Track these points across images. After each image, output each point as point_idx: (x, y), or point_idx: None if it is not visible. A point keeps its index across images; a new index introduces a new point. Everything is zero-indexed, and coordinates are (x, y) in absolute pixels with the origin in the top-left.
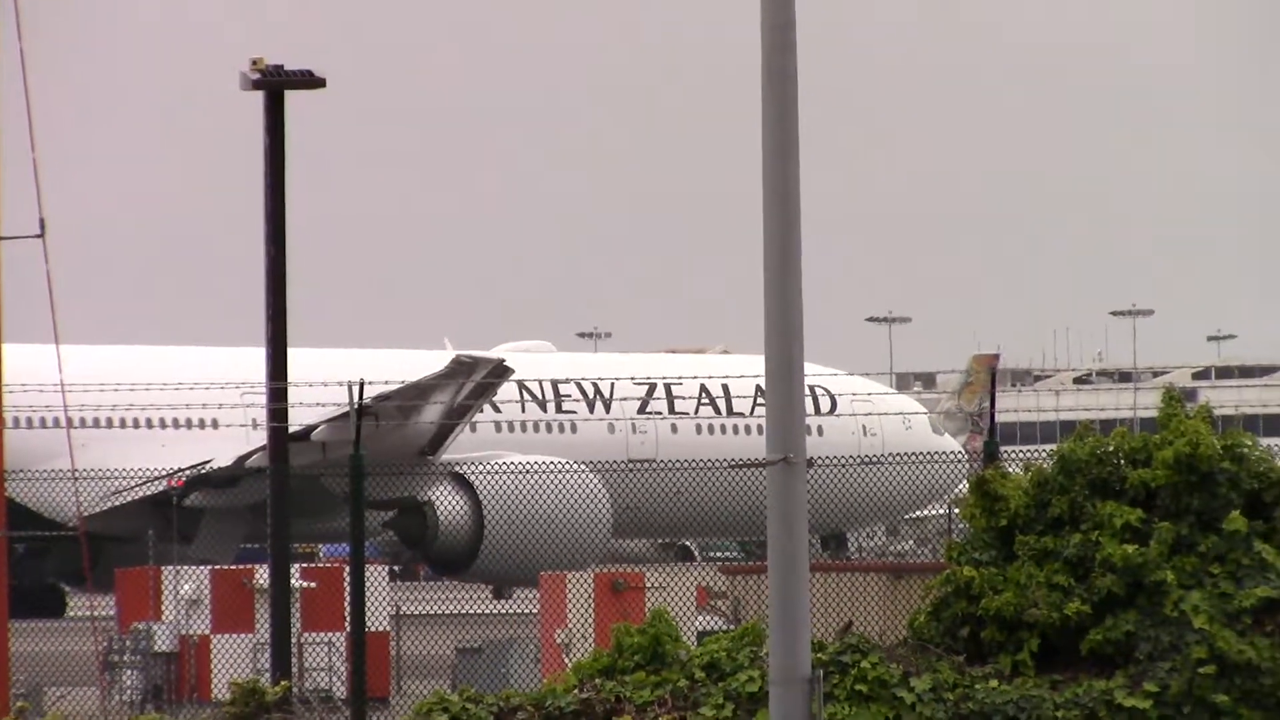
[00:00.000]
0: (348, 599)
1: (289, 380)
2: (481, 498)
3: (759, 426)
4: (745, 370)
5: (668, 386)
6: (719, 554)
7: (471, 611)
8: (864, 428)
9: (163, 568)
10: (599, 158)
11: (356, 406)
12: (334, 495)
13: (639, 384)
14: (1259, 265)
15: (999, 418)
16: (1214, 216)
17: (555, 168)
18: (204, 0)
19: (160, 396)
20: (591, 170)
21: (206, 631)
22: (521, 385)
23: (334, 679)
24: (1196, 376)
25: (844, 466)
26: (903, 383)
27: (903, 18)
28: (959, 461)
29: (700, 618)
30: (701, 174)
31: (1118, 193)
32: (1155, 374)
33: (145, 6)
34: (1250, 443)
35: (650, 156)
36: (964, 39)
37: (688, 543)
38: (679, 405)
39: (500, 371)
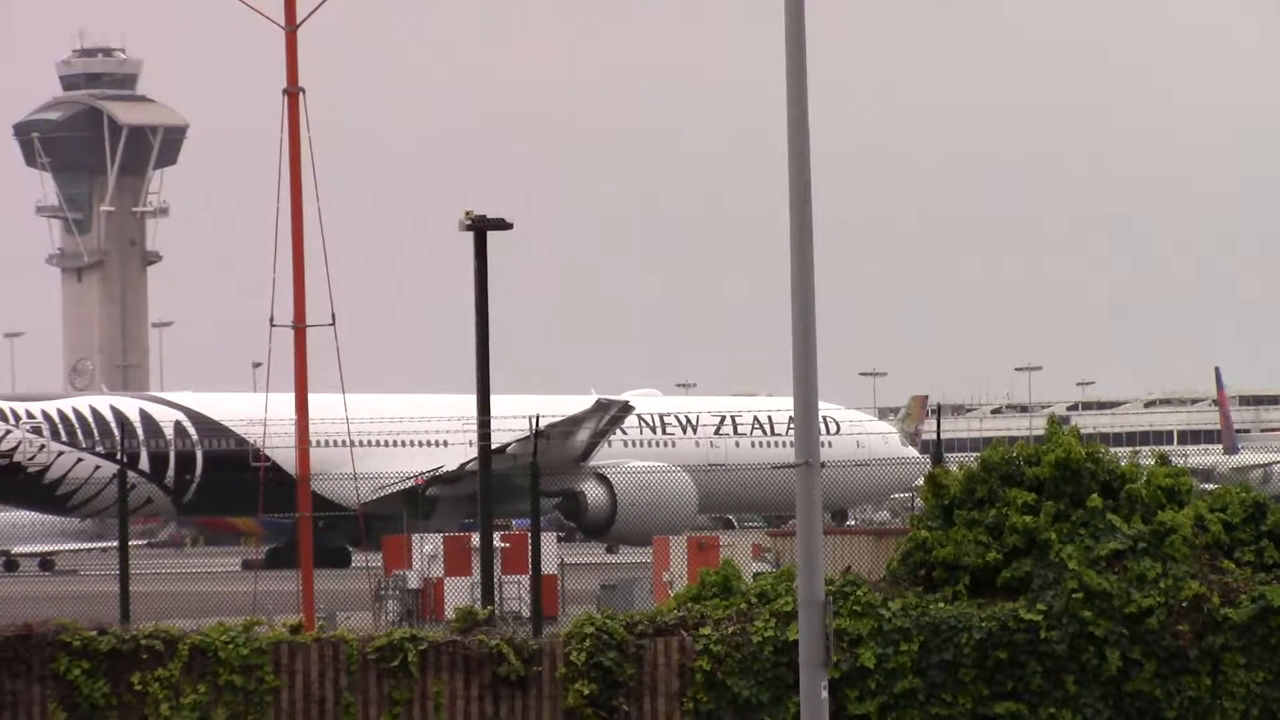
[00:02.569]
0: (530, 554)
1: (491, 415)
2: (616, 489)
3: (789, 443)
4: (781, 406)
5: (733, 417)
6: (751, 524)
7: (602, 561)
8: (858, 443)
9: (412, 535)
10: (674, 256)
11: (535, 432)
12: (521, 488)
13: (714, 416)
14: (1115, 329)
15: (943, 435)
16: (1086, 290)
17: (649, 271)
18: (425, 160)
19: (410, 426)
20: (696, 262)
21: (440, 575)
22: (640, 417)
23: (522, 605)
24: (1070, 408)
25: (845, 468)
26: (881, 414)
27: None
28: (918, 463)
29: (755, 564)
30: (763, 269)
31: (1024, 283)
32: (1043, 407)
33: (376, 162)
34: (1103, 451)
35: (715, 254)
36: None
37: (730, 517)
38: (740, 429)
39: (626, 409)
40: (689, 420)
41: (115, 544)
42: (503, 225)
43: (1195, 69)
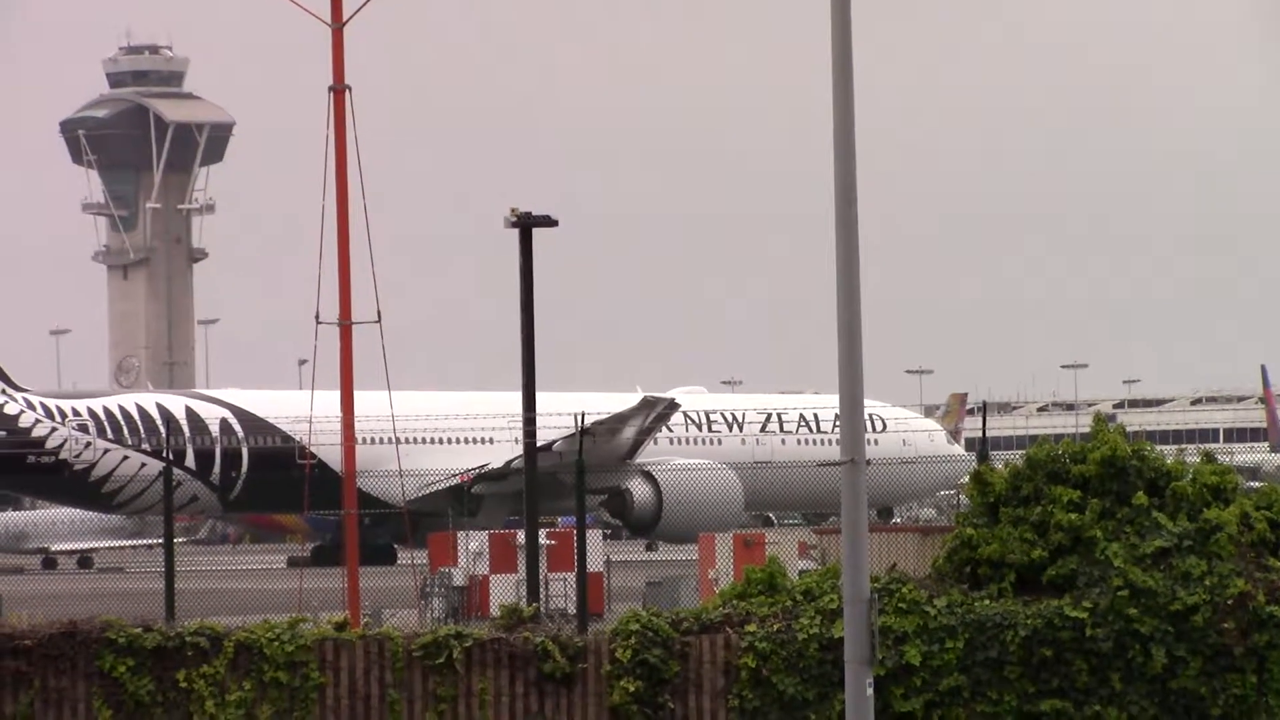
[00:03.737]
0: (575, 551)
1: (537, 412)
2: (662, 486)
3: (835, 440)
4: (827, 404)
5: (779, 415)
6: (788, 521)
7: (647, 558)
8: (903, 440)
9: (458, 532)
10: (721, 254)
11: (580, 429)
12: (566, 485)
13: (760, 413)
14: (1161, 327)
15: (988, 433)
16: (1132, 288)
17: (697, 269)
18: (470, 157)
19: (456, 423)
20: (747, 263)
21: (486, 572)
22: (686, 414)
23: (567, 602)
24: (1116, 406)
25: (890, 465)
26: (926, 412)
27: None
28: (963, 460)
29: (800, 561)
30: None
31: (1070, 280)
32: (1089, 405)
33: (422, 160)
34: (1149, 449)
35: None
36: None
37: (769, 514)
38: (786, 427)
39: (673, 406)
40: (735, 417)
41: (153, 541)
42: (548, 222)
43: (1250, 63)
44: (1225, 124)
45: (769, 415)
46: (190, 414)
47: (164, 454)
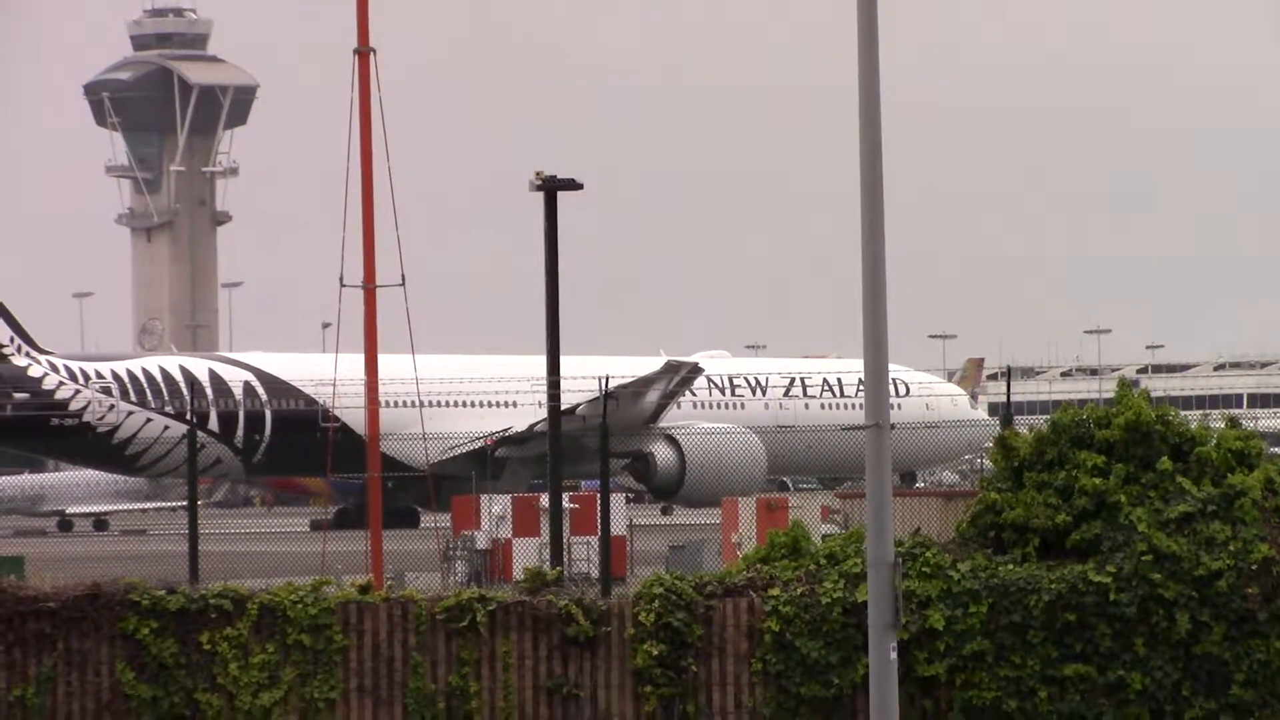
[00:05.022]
0: (599, 515)
1: (561, 376)
2: (685, 450)
3: (859, 405)
4: (851, 368)
5: (802, 379)
6: (804, 486)
7: (671, 522)
8: (926, 405)
9: (481, 496)
10: (745, 217)
11: (604, 393)
12: (589, 449)
13: (784, 377)
14: (1185, 292)
15: (1012, 398)
16: (1154, 259)
17: (720, 232)
18: (496, 120)
19: (481, 386)
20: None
21: (509, 536)
22: (709, 379)
23: (590, 566)
24: (1140, 371)
25: (914, 430)
26: (947, 377)
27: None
28: (987, 425)
29: (824, 526)
30: (837, 235)
31: (1094, 245)
32: (1112, 370)
33: (447, 122)
34: (1173, 414)
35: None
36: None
37: (785, 479)
38: (809, 391)
39: (696, 370)
40: (758, 382)
41: (169, 504)
42: (573, 185)
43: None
44: (1266, 82)
45: (792, 379)
46: (213, 377)
47: (187, 417)
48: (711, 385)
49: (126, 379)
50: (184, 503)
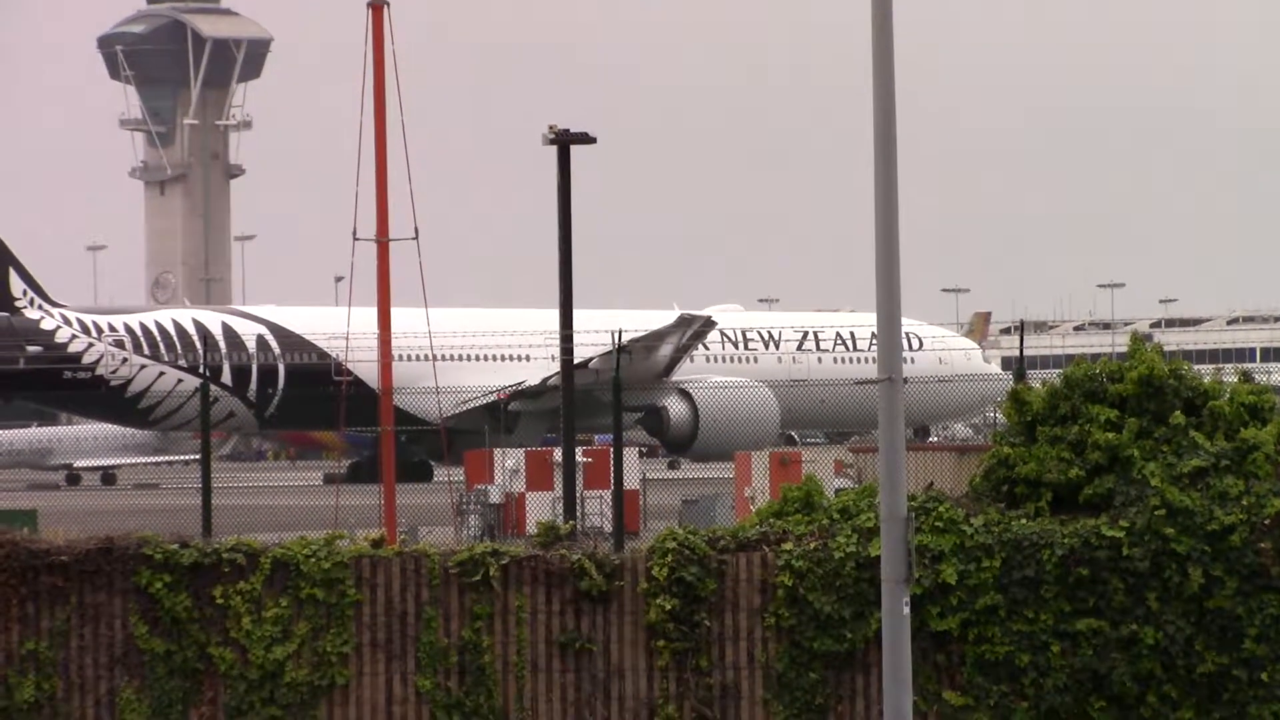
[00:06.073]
0: (612, 469)
1: (574, 329)
2: (698, 404)
3: (872, 358)
4: (863, 322)
5: (815, 333)
6: (811, 440)
7: (684, 476)
8: (939, 359)
9: (494, 450)
10: (759, 171)
11: (618, 346)
12: (603, 403)
13: (797, 331)
14: (1198, 246)
15: (1026, 352)
16: (1169, 206)
17: (734, 186)
18: (511, 74)
19: (494, 340)
20: (783, 176)
21: (522, 490)
22: (723, 332)
23: (603, 520)
24: (1153, 326)
25: (927, 384)
26: (965, 330)
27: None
28: (1000, 379)
29: (837, 480)
30: (848, 191)
31: (1107, 199)
32: (1126, 324)
33: (462, 76)
34: (1186, 368)
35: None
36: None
37: (792, 433)
38: (823, 345)
39: (709, 324)
40: (771, 336)
41: (177, 458)
42: (586, 139)
43: None
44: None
45: (805, 333)
46: (227, 330)
47: (201, 370)
48: (724, 339)
49: (140, 332)
50: (192, 456)
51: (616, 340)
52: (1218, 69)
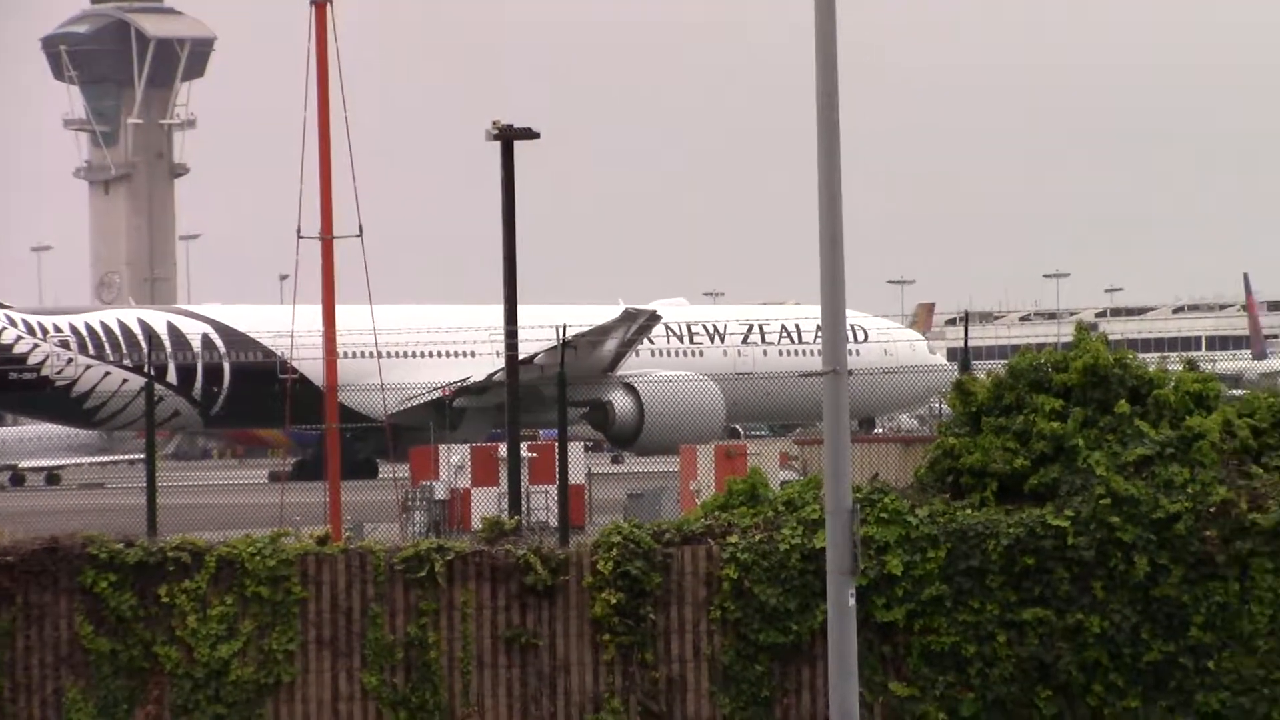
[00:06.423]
0: (557, 464)
1: (519, 325)
2: (643, 399)
3: (817, 351)
4: (809, 315)
5: (760, 326)
6: (755, 433)
7: (619, 471)
8: (884, 350)
9: (439, 446)
10: (703, 165)
11: (562, 342)
12: (548, 398)
13: (742, 325)
14: (1143, 235)
15: (971, 343)
16: (1114, 203)
17: (678, 180)
18: (454, 71)
19: (438, 337)
20: (717, 177)
21: (468, 486)
22: (667, 326)
23: (549, 515)
24: (1098, 315)
25: (872, 375)
26: (908, 322)
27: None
28: (945, 370)
29: (782, 472)
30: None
31: (1052, 190)
32: (1071, 314)
33: (405, 73)
34: (1131, 357)
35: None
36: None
37: (736, 426)
38: (768, 338)
39: (654, 318)
40: (716, 329)
41: (122, 458)
42: (530, 135)
43: None
44: (1233, 36)
45: (750, 327)
46: (172, 329)
47: (146, 370)
48: (669, 333)
49: (85, 332)
50: (137, 456)
51: (561, 335)
52: (1172, 57)
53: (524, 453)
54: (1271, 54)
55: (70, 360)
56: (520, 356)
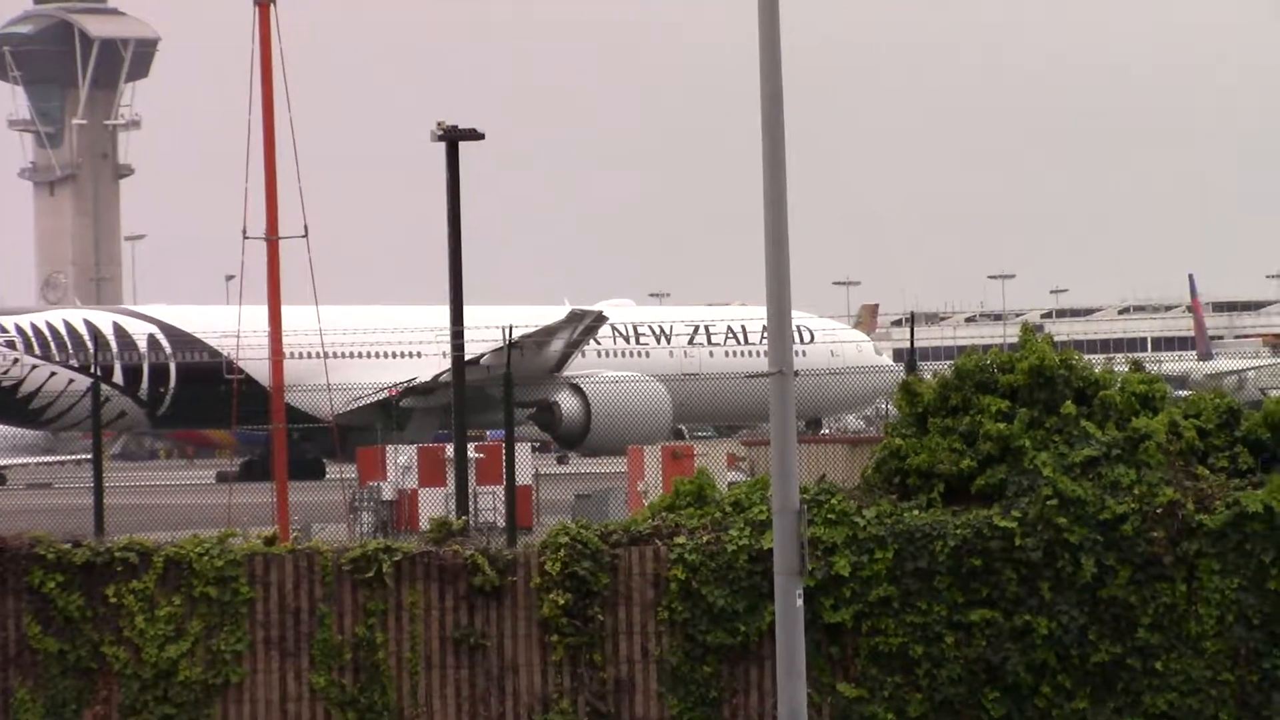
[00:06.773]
0: (504, 464)
1: (465, 326)
2: (590, 399)
3: (763, 352)
4: (755, 316)
5: (707, 327)
6: (701, 434)
7: (577, 471)
8: (831, 352)
9: (386, 447)
10: (648, 167)
11: (509, 342)
12: (495, 399)
13: (688, 326)
14: (1089, 237)
15: (917, 344)
16: (1059, 205)
17: (624, 182)
18: (400, 72)
19: (384, 337)
20: (662, 177)
21: (415, 486)
22: (614, 327)
23: (496, 516)
24: (1044, 316)
25: (819, 376)
26: (854, 322)
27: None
28: (891, 371)
29: (729, 473)
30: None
31: (998, 191)
32: (1017, 315)
33: (350, 74)
34: (1077, 358)
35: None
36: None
37: (681, 426)
38: (714, 339)
39: (600, 319)
40: (663, 330)
41: (68, 458)
42: (475, 136)
43: None
44: (1187, 35)
45: (697, 328)
46: (118, 330)
47: (92, 370)
48: (616, 334)
49: (30, 333)
50: (84, 456)
51: (507, 336)
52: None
53: (471, 453)
54: (1229, 54)
55: (16, 360)
56: (466, 357)
